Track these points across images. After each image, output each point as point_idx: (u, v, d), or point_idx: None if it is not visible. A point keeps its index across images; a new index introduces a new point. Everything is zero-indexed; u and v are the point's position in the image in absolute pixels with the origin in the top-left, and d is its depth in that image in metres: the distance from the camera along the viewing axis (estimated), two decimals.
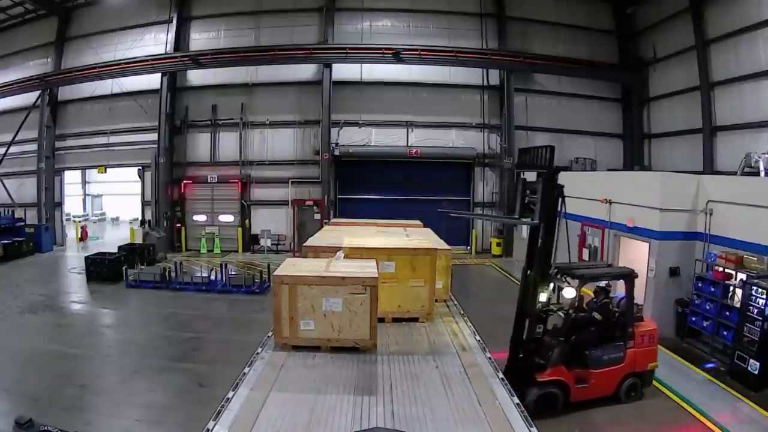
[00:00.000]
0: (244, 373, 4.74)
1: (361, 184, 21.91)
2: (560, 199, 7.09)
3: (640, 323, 7.97)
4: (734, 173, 14.09)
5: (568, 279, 7.62)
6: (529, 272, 7.35)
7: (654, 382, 8.63)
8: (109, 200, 35.33)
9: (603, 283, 8.09)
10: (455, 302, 7.65)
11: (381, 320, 5.84)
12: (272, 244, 21.31)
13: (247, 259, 20.24)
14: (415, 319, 6.50)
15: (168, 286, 14.88)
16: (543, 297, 7.20)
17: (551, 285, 7.36)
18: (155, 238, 19.72)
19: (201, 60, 20.44)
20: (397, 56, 19.66)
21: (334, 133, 21.09)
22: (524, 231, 19.51)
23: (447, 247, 8.04)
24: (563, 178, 7.56)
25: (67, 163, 23.22)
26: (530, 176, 7.78)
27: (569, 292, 7.58)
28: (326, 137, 20.70)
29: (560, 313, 7.68)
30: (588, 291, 8.53)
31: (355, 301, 5.30)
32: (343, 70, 21.09)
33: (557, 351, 7.29)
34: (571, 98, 22.07)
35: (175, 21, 21.36)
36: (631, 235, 12.09)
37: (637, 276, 8.10)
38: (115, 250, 17.49)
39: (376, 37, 20.99)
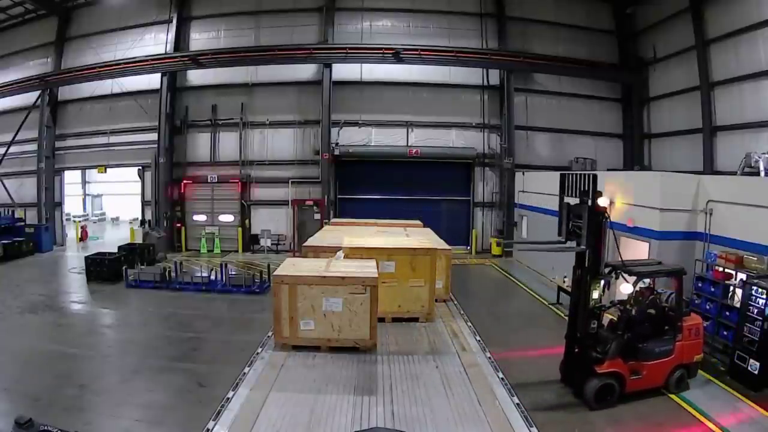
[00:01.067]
0: (244, 373, 4.75)
1: (361, 184, 21.90)
2: (604, 221, 7.44)
3: (686, 317, 8.24)
4: (734, 173, 14.09)
5: (624, 276, 7.92)
6: (578, 272, 7.73)
7: None
8: (109, 200, 35.34)
9: (647, 282, 8.34)
10: (455, 302, 7.66)
11: (381, 320, 5.84)
12: (272, 244, 21.31)
13: (247, 259, 20.24)
14: (415, 319, 6.50)
15: (168, 286, 14.87)
16: (595, 294, 7.51)
17: (602, 283, 7.63)
18: (155, 238, 19.71)
19: (201, 60, 20.43)
20: (397, 56, 19.65)
21: (334, 133, 21.09)
22: (524, 231, 19.55)
23: (447, 247, 8.06)
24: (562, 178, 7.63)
25: (67, 163, 23.22)
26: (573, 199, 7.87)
27: (626, 288, 7.90)
28: (326, 137, 20.70)
29: (616, 308, 8.14)
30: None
31: (355, 301, 5.30)
32: (343, 70, 21.09)
33: (615, 344, 7.57)
34: (571, 98, 22.07)
35: (175, 21, 21.36)
36: (631, 235, 12.08)
37: (686, 273, 8.39)
38: (115, 250, 17.48)
39: (376, 37, 20.99)
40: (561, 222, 8.02)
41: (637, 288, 8.12)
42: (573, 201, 7.82)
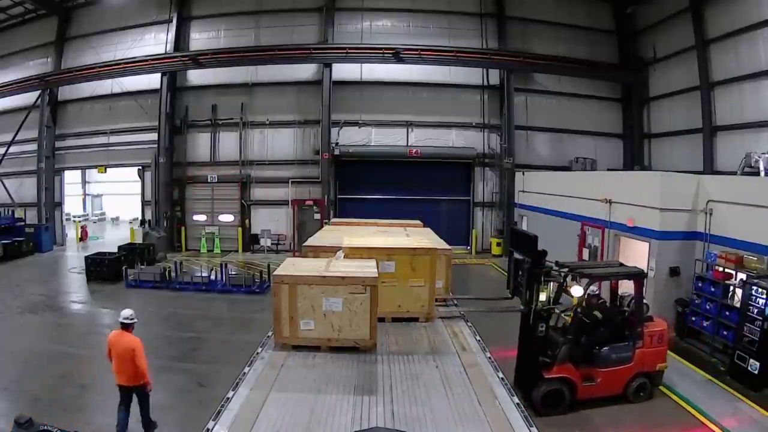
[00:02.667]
0: (244, 373, 4.75)
1: (361, 184, 21.90)
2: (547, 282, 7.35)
3: (649, 323, 7.96)
4: (734, 173, 14.09)
5: (578, 278, 7.71)
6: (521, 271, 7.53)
7: None
8: (109, 200, 35.34)
9: (595, 291, 8.02)
10: (455, 302, 7.66)
11: (381, 320, 5.84)
12: (272, 244, 21.30)
13: (247, 259, 20.23)
14: (415, 319, 6.50)
15: (168, 286, 14.87)
16: (543, 296, 7.29)
17: (551, 285, 7.46)
18: (155, 237, 19.71)
19: (201, 60, 20.43)
20: (397, 56, 19.65)
21: (334, 133, 21.09)
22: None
23: (447, 246, 8.06)
24: (564, 178, 7.63)
25: (67, 163, 23.22)
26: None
27: (576, 291, 7.64)
28: (326, 137, 20.69)
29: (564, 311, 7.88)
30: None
31: (355, 301, 5.30)
32: (343, 70, 21.08)
33: (564, 348, 7.35)
34: (571, 98, 22.06)
35: (175, 21, 21.35)
36: (631, 235, 12.08)
37: (646, 276, 8.17)
38: (115, 250, 17.48)
39: (376, 37, 20.98)
40: (509, 277, 8.00)
41: (591, 291, 7.84)
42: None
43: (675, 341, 10.67)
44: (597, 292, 8.08)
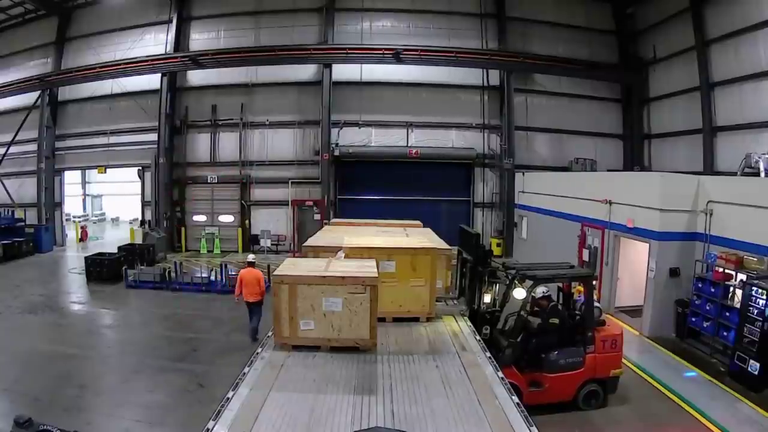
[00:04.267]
0: (244, 373, 4.75)
1: (361, 185, 21.87)
2: (490, 281, 7.30)
3: (602, 328, 7.70)
4: (734, 173, 14.08)
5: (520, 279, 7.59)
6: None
7: (654, 382, 8.65)
8: (109, 200, 35.31)
9: (546, 292, 7.84)
10: (455, 302, 7.66)
11: (381, 320, 5.84)
12: (272, 245, 21.29)
13: None
14: (416, 319, 6.50)
15: (168, 286, 14.86)
16: (487, 298, 7.24)
17: (496, 286, 7.42)
18: (155, 238, 19.69)
19: (201, 60, 20.43)
20: (397, 56, 19.64)
21: (334, 134, 21.07)
22: (524, 232, 19.55)
23: (447, 246, 8.04)
24: (564, 179, 7.61)
25: (67, 163, 23.20)
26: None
27: (519, 293, 7.49)
28: (326, 137, 20.68)
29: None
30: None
31: (355, 301, 5.30)
32: (343, 71, 21.06)
33: (508, 352, 7.14)
34: (571, 98, 22.03)
35: (175, 21, 21.34)
36: (631, 236, 12.09)
37: (596, 278, 7.94)
38: (115, 251, 17.48)
39: (376, 38, 20.97)
40: (457, 277, 7.90)
41: (541, 293, 7.70)
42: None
43: (675, 342, 10.71)
44: (548, 294, 7.86)
